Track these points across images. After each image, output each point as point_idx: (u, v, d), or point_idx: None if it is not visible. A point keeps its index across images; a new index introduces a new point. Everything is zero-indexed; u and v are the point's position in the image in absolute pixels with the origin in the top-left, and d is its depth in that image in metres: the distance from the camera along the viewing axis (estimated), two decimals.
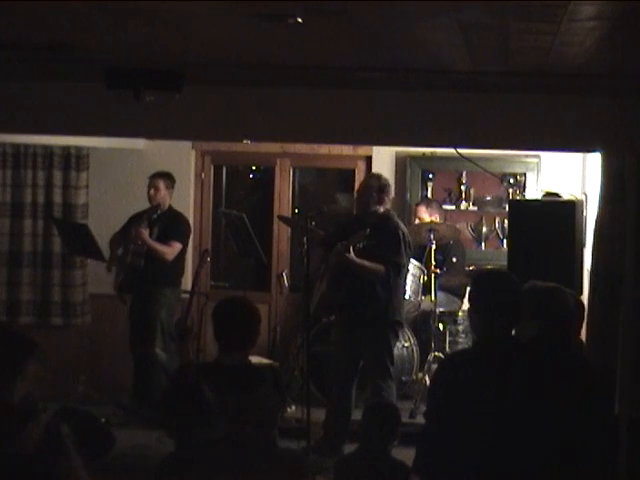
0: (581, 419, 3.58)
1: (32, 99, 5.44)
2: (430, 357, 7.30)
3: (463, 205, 8.16)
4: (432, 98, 5.24)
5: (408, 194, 8.09)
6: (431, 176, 8.14)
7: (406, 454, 4.07)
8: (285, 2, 3.06)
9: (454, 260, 7.79)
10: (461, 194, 8.16)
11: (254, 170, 9.13)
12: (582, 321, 4.70)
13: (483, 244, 8.18)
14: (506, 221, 7.66)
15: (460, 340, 7.57)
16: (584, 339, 5.13)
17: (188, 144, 8.22)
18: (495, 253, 8.07)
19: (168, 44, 4.02)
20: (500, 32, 3.41)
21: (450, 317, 7.61)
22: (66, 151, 8.04)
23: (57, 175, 8.04)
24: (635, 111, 4.96)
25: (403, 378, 7.44)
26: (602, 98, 5.01)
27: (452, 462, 3.53)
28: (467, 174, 8.12)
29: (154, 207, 7.49)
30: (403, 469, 4.23)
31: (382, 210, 6.52)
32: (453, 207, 8.16)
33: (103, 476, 3.43)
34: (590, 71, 4.27)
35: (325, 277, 6.79)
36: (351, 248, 6.28)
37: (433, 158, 8.04)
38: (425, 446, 3.67)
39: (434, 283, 7.35)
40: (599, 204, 5.15)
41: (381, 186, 6.49)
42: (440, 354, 7.25)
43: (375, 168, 8.05)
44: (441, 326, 7.51)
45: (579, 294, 5.56)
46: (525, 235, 6.05)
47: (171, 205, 7.61)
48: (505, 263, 6.29)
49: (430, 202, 7.89)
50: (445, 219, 7.91)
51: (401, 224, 6.61)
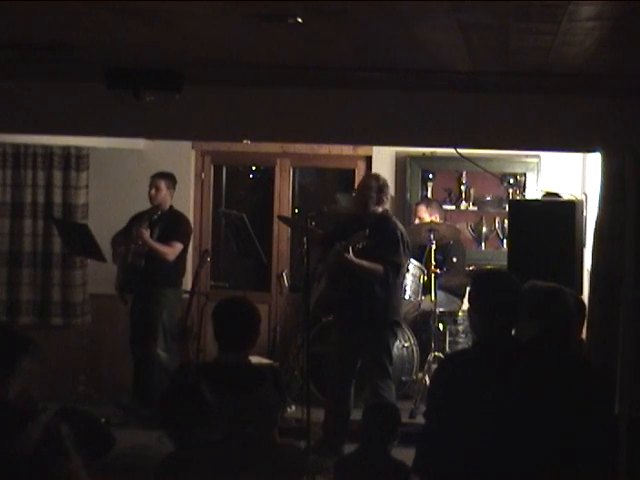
0: (581, 419, 3.58)
1: (32, 99, 5.44)
2: (430, 357, 7.30)
3: (463, 205, 8.16)
4: (432, 98, 5.24)
5: (408, 194, 8.09)
6: (431, 176, 8.14)
7: (406, 454, 4.07)
8: (285, 2, 3.06)
9: (454, 260, 7.78)
10: (461, 194, 8.16)
11: (254, 170, 9.13)
12: (583, 320, 4.70)
13: (483, 244, 8.18)
14: (506, 221, 7.66)
15: (460, 340, 7.57)
16: (585, 339, 5.13)
17: (188, 144, 8.22)
18: (495, 253, 8.06)
19: (168, 44, 4.01)
20: (500, 32, 3.40)
21: (450, 317, 7.61)
22: (66, 151, 8.04)
23: (57, 175, 8.04)
24: (635, 111, 4.96)
25: (403, 378, 7.44)
26: (602, 98, 5.01)
27: (452, 462, 3.53)
28: (467, 174, 8.12)
29: (155, 207, 7.49)
30: (403, 469, 4.23)
31: (380, 210, 6.52)
32: (453, 207, 8.16)
33: (103, 476, 3.43)
34: (590, 71, 4.27)
35: (323, 277, 6.79)
36: (350, 248, 6.28)
37: (433, 158, 8.04)
38: (425, 446, 3.67)
39: (434, 283, 7.35)
40: (599, 204, 5.15)
41: (380, 186, 6.48)
42: (440, 354, 7.25)
43: (375, 168, 8.05)
44: (441, 326, 7.51)
45: (579, 294, 5.56)
46: (525, 235, 6.05)
47: (172, 205, 7.61)
48: (505, 263, 6.29)
49: (430, 202, 7.89)
50: (445, 219, 7.91)
51: (399, 224, 6.60)
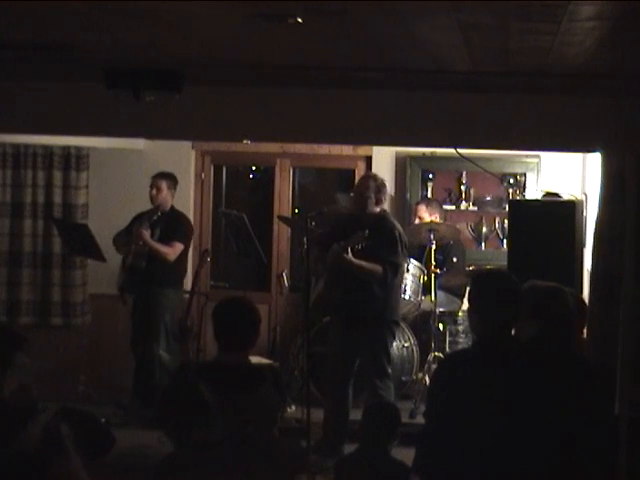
0: (581, 419, 3.58)
1: (32, 99, 5.44)
2: (430, 357, 7.30)
3: (463, 205, 8.15)
4: (432, 98, 5.24)
5: (408, 194, 8.09)
6: (431, 176, 8.14)
7: (406, 454, 4.06)
8: (285, 2, 3.06)
9: (454, 260, 7.78)
10: (461, 194, 8.16)
11: (254, 170, 9.13)
12: (584, 320, 4.69)
13: (483, 244, 8.18)
14: (506, 221, 7.66)
15: (460, 340, 7.57)
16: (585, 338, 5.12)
17: (188, 144, 8.22)
18: (495, 253, 8.06)
19: (168, 44, 4.02)
20: (500, 32, 3.41)
21: (450, 317, 7.61)
22: (66, 151, 8.04)
23: (57, 175, 8.04)
24: (635, 111, 4.96)
25: (403, 378, 7.44)
26: (602, 98, 5.01)
27: (452, 462, 3.52)
28: (467, 174, 8.12)
29: (155, 208, 7.48)
30: (403, 469, 4.23)
31: (378, 210, 6.52)
32: (453, 207, 8.16)
33: (103, 476, 3.43)
34: (590, 71, 4.27)
35: (322, 277, 6.79)
36: (349, 249, 6.28)
37: (433, 158, 8.04)
38: (425, 446, 3.67)
39: (434, 283, 7.35)
40: (599, 204, 5.14)
41: (378, 186, 6.48)
42: (440, 354, 7.25)
43: (375, 168, 8.05)
44: (441, 326, 7.51)
45: (579, 294, 5.55)
46: (525, 235, 6.05)
47: (173, 205, 7.60)
48: (505, 263, 6.29)
49: (430, 201, 7.89)
50: (445, 219, 7.90)
51: (397, 224, 6.61)
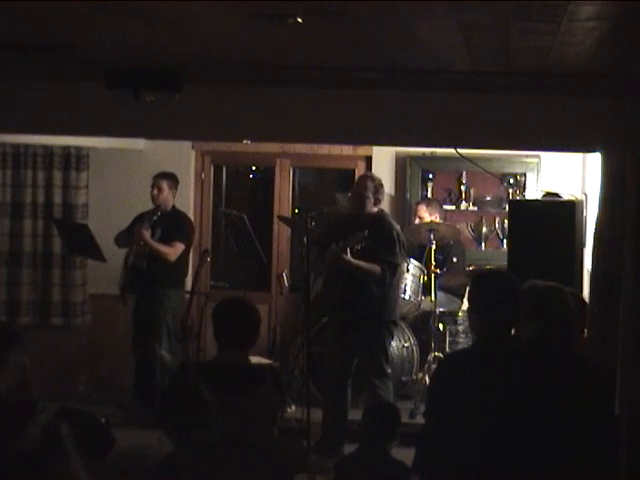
0: (581, 419, 3.57)
1: (32, 99, 5.44)
2: (430, 357, 7.30)
3: (463, 205, 8.16)
4: (432, 98, 5.24)
5: (408, 194, 8.09)
6: (431, 176, 8.14)
7: (406, 454, 4.06)
8: (285, 2, 3.06)
9: (454, 260, 7.78)
10: (461, 194, 8.16)
11: (254, 170, 9.13)
12: (585, 319, 4.68)
13: (483, 244, 8.18)
14: (506, 221, 7.66)
15: (460, 340, 7.57)
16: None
17: (188, 144, 8.22)
18: (495, 253, 8.06)
19: (168, 44, 4.02)
20: (500, 32, 3.41)
21: (450, 317, 7.61)
22: (66, 151, 8.04)
23: (57, 175, 8.04)
24: (635, 111, 4.96)
25: (403, 378, 7.45)
26: (602, 98, 5.01)
27: (452, 462, 3.52)
28: (467, 174, 8.12)
29: (155, 208, 7.48)
30: (403, 469, 4.23)
31: (376, 210, 6.51)
32: (453, 207, 8.16)
33: (103, 476, 3.42)
34: (590, 71, 4.27)
35: (320, 277, 6.78)
36: (348, 249, 6.27)
37: (433, 158, 8.04)
38: (425, 446, 3.66)
39: (434, 283, 7.35)
40: (599, 205, 5.14)
41: (375, 186, 6.48)
42: (440, 354, 7.25)
43: (375, 168, 8.05)
44: (441, 326, 7.51)
45: (580, 293, 5.55)
46: (525, 235, 6.05)
47: (175, 205, 7.60)
48: (505, 263, 6.29)
49: (430, 201, 7.89)
50: (445, 219, 7.90)
51: (395, 224, 6.61)
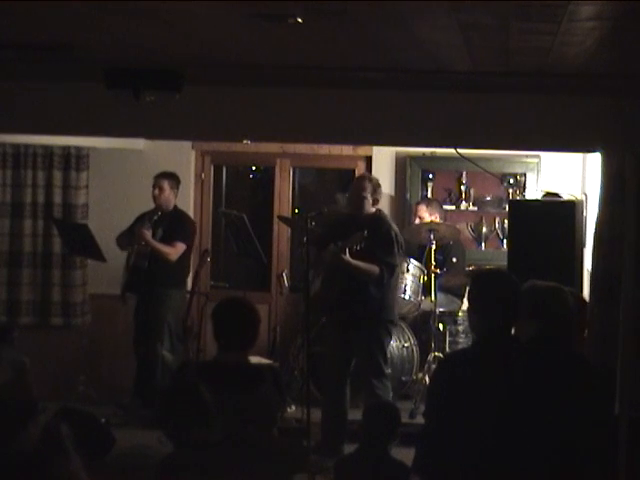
0: (581, 419, 3.57)
1: (32, 99, 5.44)
2: (430, 357, 7.30)
3: (463, 205, 8.15)
4: (432, 98, 5.24)
5: (408, 194, 8.09)
6: (431, 176, 8.14)
7: (406, 454, 4.06)
8: (285, 2, 3.06)
9: (454, 260, 7.78)
10: (461, 194, 8.16)
11: (254, 170, 9.13)
12: (585, 318, 4.67)
13: (483, 244, 8.18)
14: (506, 221, 7.66)
15: (460, 340, 7.57)
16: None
17: (188, 144, 8.22)
18: (495, 253, 8.06)
19: (168, 44, 4.02)
20: (500, 32, 3.41)
21: (450, 317, 7.61)
22: (66, 151, 8.04)
23: (57, 175, 8.04)
24: (635, 111, 4.96)
25: (403, 378, 7.44)
26: (602, 98, 5.01)
27: (452, 462, 3.52)
28: (467, 174, 8.11)
29: (156, 208, 7.47)
30: (403, 469, 4.23)
31: (374, 210, 6.51)
32: (453, 207, 8.15)
33: (103, 476, 3.43)
34: (590, 71, 4.27)
35: (318, 277, 6.77)
36: (347, 249, 6.26)
37: (433, 158, 8.04)
38: (425, 446, 3.66)
39: (434, 283, 7.35)
40: (599, 205, 5.14)
41: (374, 187, 6.48)
42: (440, 354, 7.25)
43: (375, 168, 8.05)
44: (441, 326, 7.51)
45: (580, 292, 5.55)
46: (525, 235, 6.05)
47: (176, 205, 7.60)
48: (505, 263, 6.28)
49: (430, 201, 7.89)
50: (445, 219, 7.90)
51: (393, 224, 6.60)
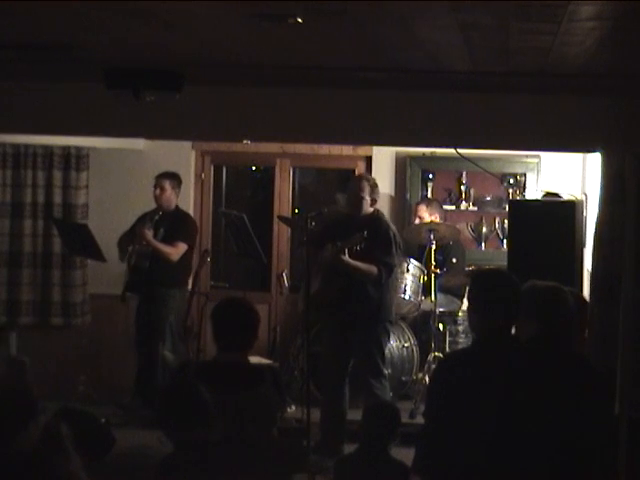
0: (581, 419, 3.57)
1: (32, 99, 5.44)
2: (430, 357, 7.30)
3: (463, 205, 8.15)
4: (432, 98, 5.25)
5: (408, 194, 8.09)
6: (431, 176, 8.13)
7: (406, 454, 4.06)
8: (285, 2, 3.06)
9: (454, 260, 7.77)
10: (461, 194, 8.15)
11: (254, 170, 9.13)
12: (585, 318, 4.67)
13: (483, 244, 8.18)
14: (506, 221, 7.65)
15: (460, 340, 7.57)
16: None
17: (188, 144, 8.22)
18: (495, 253, 8.06)
19: (168, 44, 4.02)
20: (500, 32, 3.41)
21: (450, 317, 7.61)
22: (66, 151, 8.04)
23: (57, 175, 8.03)
24: (635, 111, 4.97)
25: (403, 378, 7.44)
26: (602, 98, 5.02)
27: (452, 462, 3.52)
28: (467, 174, 8.11)
29: (156, 208, 7.47)
30: (403, 469, 4.23)
31: (372, 210, 6.51)
32: (453, 207, 8.15)
33: (103, 476, 3.43)
34: (590, 71, 4.27)
35: (316, 277, 6.76)
36: (346, 250, 6.25)
37: (433, 158, 8.03)
38: (425, 446, 3.66)
39: (434, 283, 7.35)
40: (599, 205, 5.15)
41: (371, 187, 6.47)
42: (440, 354, 7.24)
43: (375, 168, 8.06)
44: (441, 326, 7.50)
45: (580, 292, 5.55)
46: (525, 235, 6.05)
47: (178, 205, 7.60)
48: (505, 263, 6.28)
49: (431, 201, 7.88)
50: (445, 219, 7.90)
51: (391, 225, 6.60)
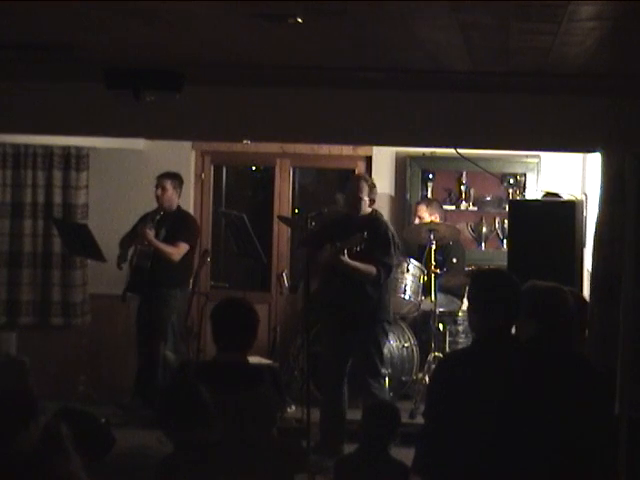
0: (581, 419, 3.57)
1: (32, 99, 5.44)
2: (430, 357, 7.30)
3: (463, 205, 8.15)
4: (432, 98, 5.25)
5: (408, 194, 8.09)
6: (431, 176, 8.14)
7: (406, 454, 4.06)
8: (285, 2, 3.06)
9: (454, 260, 7.78)
10: (461, 194, 8.16)
11: (254, 170, 9.13)
12: (585, 318, 4.67)
13: (483, 244, 8.18)
14: (506, 221, 7.66)
15: (460, 340, 7.57)
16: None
17: (188, 144, 8.22)
18: (495, 253, 8.06)
19: (168, 44, 4.02)
20: (500, 32, 3.41)
21: (450, 317, 7.61)
22: (66, 151, 8.03)
23: (57, 175, 8.03)
24: (635, 111, 4.97)
25: (403, 378, 7.44)
26: (602, 98, 5.02)
27: (452, 462, 3.52)
28: (467, 174, 8.12)
29: (158, 208, 7.47)
30: (403, 469, 4.23)
31: (370, 211, 6.51)
32: (453, 207, 8.15)
33: (103, 476, 3.43)
34: (590, 71, 4.27)
35: (315, 277, 6.75)
36: (345, 251, 6.25)
37: (433, 158, 8.03)
38: (425, 446, 3.66)
39: (434, 283, 7.35)
40: (599, 206, 5.15)
41: (370, 187, 6.47)
42: (440, 354, 7.24)
43: (375, 168, 8.06)
44: (441, 326, 7.50)
45: (579, 292, 5.55)
46: (525, 235, 6.05)
47: (179, 205, 7.59)
48: (505, 263, 6.29)
49: (430, 201, 7.89)
50: (445, 219, 7.90)
51: (389, 225, 6.61)
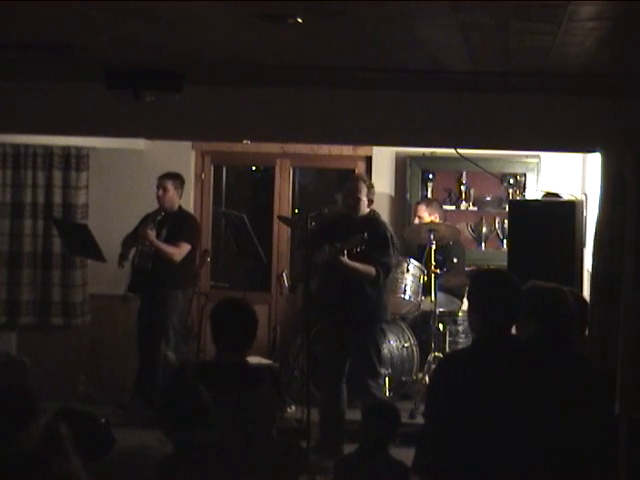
0: (581, 419, 3.58)
1: (32, 99, 5.44)
2: (430, 357, 7.30)
3: (463, 205, 8.15)
4: (432, 98, 5.25)
5: (408, 194, 8.09)
6: (431, 176, 8.13)
7: (406, 454, 4.06)
8: (285, 2, 3.07)
9: (454, 260, 7.78)
10: (461, 194, 8.16)
11: (254, 170, 9.13)
12: (585, 318, 4.67)
13: (483, 244, 8.18)
14: (506, 221, 7.66)
15: (460, 340, 7.57)
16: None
17: (188, 144, 8.21)
18: (495, 253, 8.06)
19: (168, 44, 4.02)
20: (500, 32, 3.41)
21: (450, 317, 7.61)
22: (66, 151, 8.03)
23: (57, 175, 8.03)
24: (635, 111, 4.97)
25: (403, 378, 7.44)
26: (602, 98, 5.02)
27: (452, 462, 3.52)
28: (467, 174, 8.11)
29: (159, 208, 7.47)
30: (403, 469, 4.23)
31: (368, 211, 6.51)
32: (453, 207, 8.15)
33: (103, 476, 3.42)
34: (590, 71, 4.27)
35: (314, 277, 6.75)
36: (345, 251, 6.24)
37: (433, 158, 8.03)
38: (425, 446, 3.66)
39: (434, 283, 7.35)
40: (599, 206, 5.15)
41: (368, 187, 6.47)
42: (440, 354, 7.24)
43: (375, 168, 8.06)
44: (441, 326, 7.50)
45: (579, 292, 5.55)
46: (525, 235, 6.05)
47: (181, 206, 7.59)
48: (505, 263, 6.29)
49: (430, 202, 7.89)
50: (445, 219, 7.90)
51: (388, 225, 6.61)
